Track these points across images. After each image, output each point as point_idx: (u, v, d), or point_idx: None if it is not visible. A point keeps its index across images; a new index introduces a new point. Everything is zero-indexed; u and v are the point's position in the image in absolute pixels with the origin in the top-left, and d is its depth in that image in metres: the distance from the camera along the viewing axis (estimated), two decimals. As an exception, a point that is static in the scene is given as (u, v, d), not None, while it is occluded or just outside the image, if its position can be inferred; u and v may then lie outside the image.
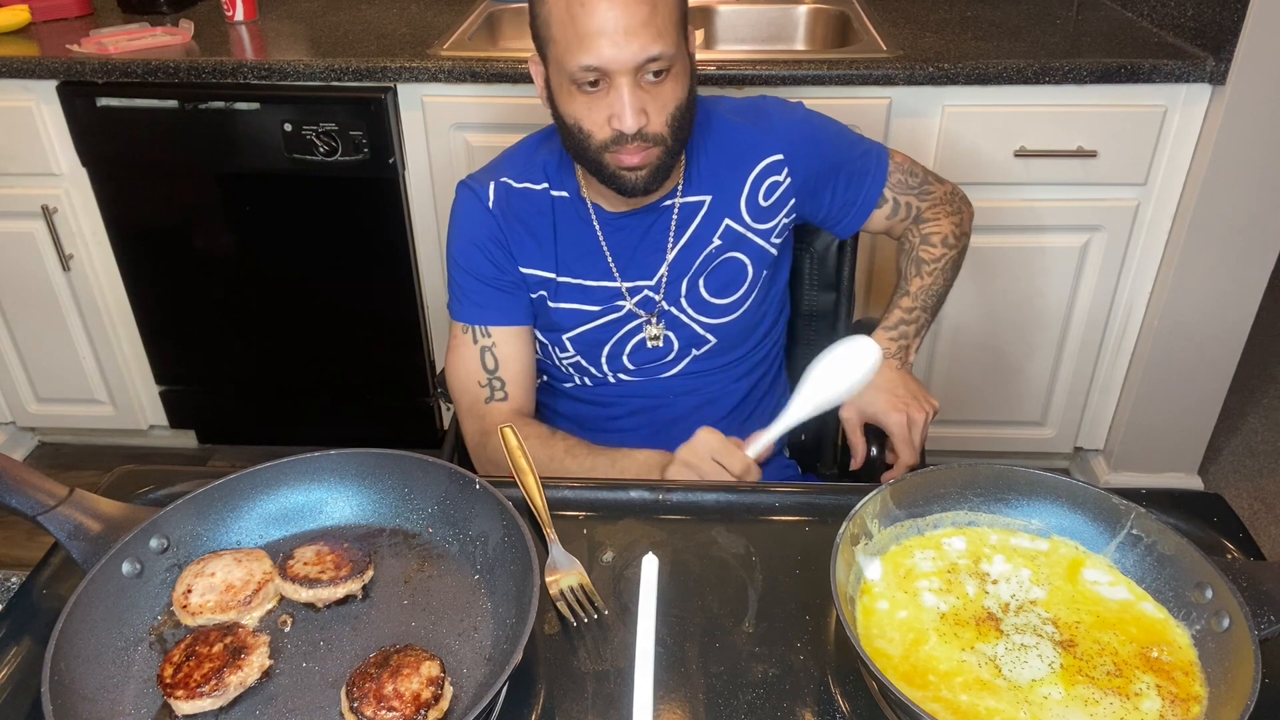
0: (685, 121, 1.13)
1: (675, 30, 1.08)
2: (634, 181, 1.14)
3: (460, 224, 1.26)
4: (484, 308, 1.26)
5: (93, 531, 0.87)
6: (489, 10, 2.21)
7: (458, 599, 0.86)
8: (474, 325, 1.26)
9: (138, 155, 2.02)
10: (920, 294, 1.29)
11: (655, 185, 1.16)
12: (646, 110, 1.09)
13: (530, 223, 1.24)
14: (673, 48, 1.07)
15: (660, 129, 1.11)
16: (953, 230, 1.32)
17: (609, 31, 1.04)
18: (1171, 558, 0.83)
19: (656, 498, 1.01)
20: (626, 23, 1.03)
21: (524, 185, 1.25)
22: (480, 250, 1.24)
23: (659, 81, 1.09)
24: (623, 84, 1.07)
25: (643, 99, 1.08)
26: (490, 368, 1.26)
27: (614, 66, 1.05)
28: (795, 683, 0.81)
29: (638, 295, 1.26)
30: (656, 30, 1.05)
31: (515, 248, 1.24)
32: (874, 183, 1.30)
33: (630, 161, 1.11)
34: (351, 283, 2.15)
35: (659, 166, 1.13)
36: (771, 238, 1.27)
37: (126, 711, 0.76)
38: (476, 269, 1.25)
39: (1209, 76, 1.80)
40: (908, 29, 2.03)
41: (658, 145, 1.11)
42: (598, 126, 1.10)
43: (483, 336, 1.26)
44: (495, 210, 1.24)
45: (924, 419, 1.19)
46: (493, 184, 1.25)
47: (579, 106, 1.11)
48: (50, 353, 2.30)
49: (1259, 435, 2.56)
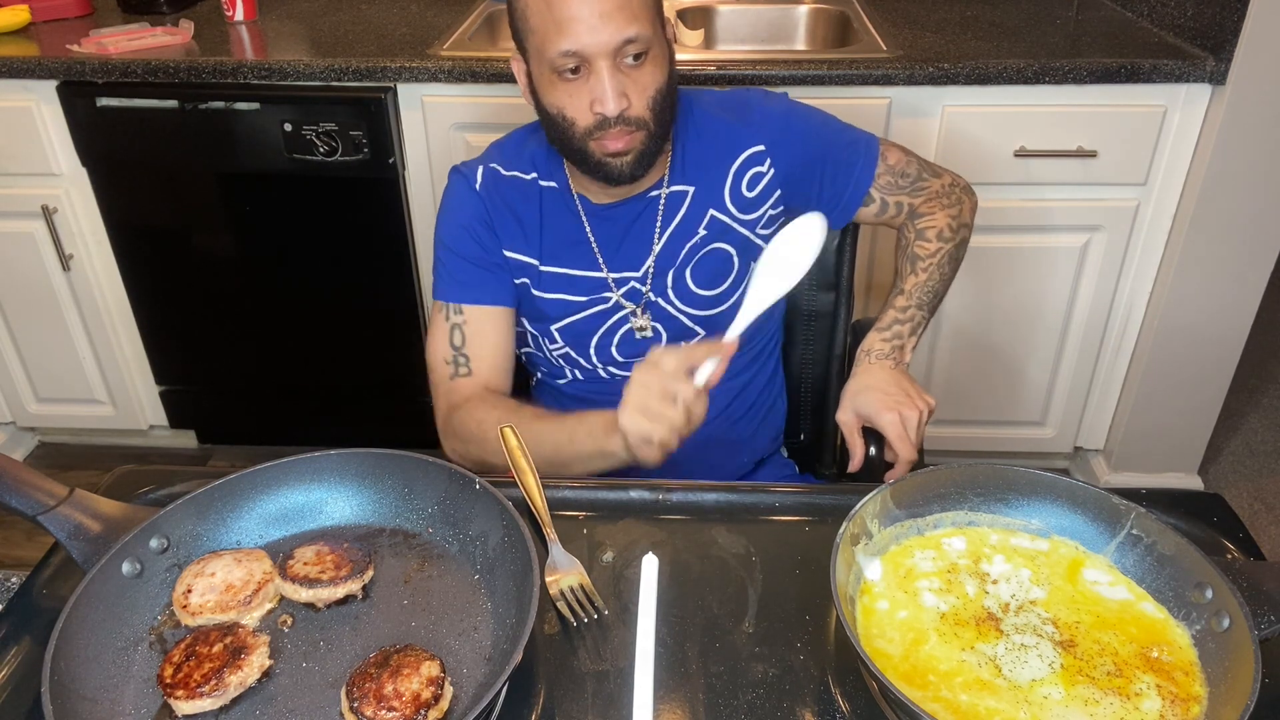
0: (666, 105, 1.15)
1: (650, 14, 1.11)
2: (619, 168, 1.15)
3: (448, 205, 1.29)
4: (463, 285, 1.27)
5: (93, 531, 0.87)
6: (489, 10, 2.21)
7: (458, 599, 0.86)
8: (448, 304, 1.27)
9: (138, 155, 2.02)
10: (915, 291, 1.29)
11: (640, 171, 1.17)
12: (628, 93, 1.11)
13: (516, 208, 1.26)
14: (649, 30, 1.10)
15: (642, 112, 1.13)
16: (948, 224, 1.31)
17: (584, 16, 1.06)
18: (1171, 558, 0.83)
19: (657, 498, 1.01)
20: (601, 7, 1.06)
21: (513, 174, 1.27)
22: (466, 229, 1.26)
23: (638, 65, 1.11)
24: (602, 68, 1.09)
25: (623, 82, 1.10)
26: (457, 344, 1.27)
27: (592, 50, 1.08)
28: (795, 683, 0.81)
29: (624, 286, 1.27)
30: (631, 13, 1.08)
31: (500, 229, 1.26)
32: (863, 173, 1.29)
33: (614, 146, 1.13)
34: (351, 283, 2.15)
35: (643, 151, 1.15)
36: (757, 229, 1.28)
37: (126, 711, 0.76)
38: (460, 247, 1.27)
39: (1209, 76, 1.80)
40: (908, 29, 2.03)
41: (641, 129, 1.13)
42: (580, 113, 1.12)
43: (455, 315, 1.27)
44: (482, 192, 1.26)
45: (918, 416, 1.19)
46: (481, 168, 1.27)
47: (561, 95, 1.13)
48: (50, 353, 2.30)
49: (1259, 435, 2.56)
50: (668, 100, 1.15)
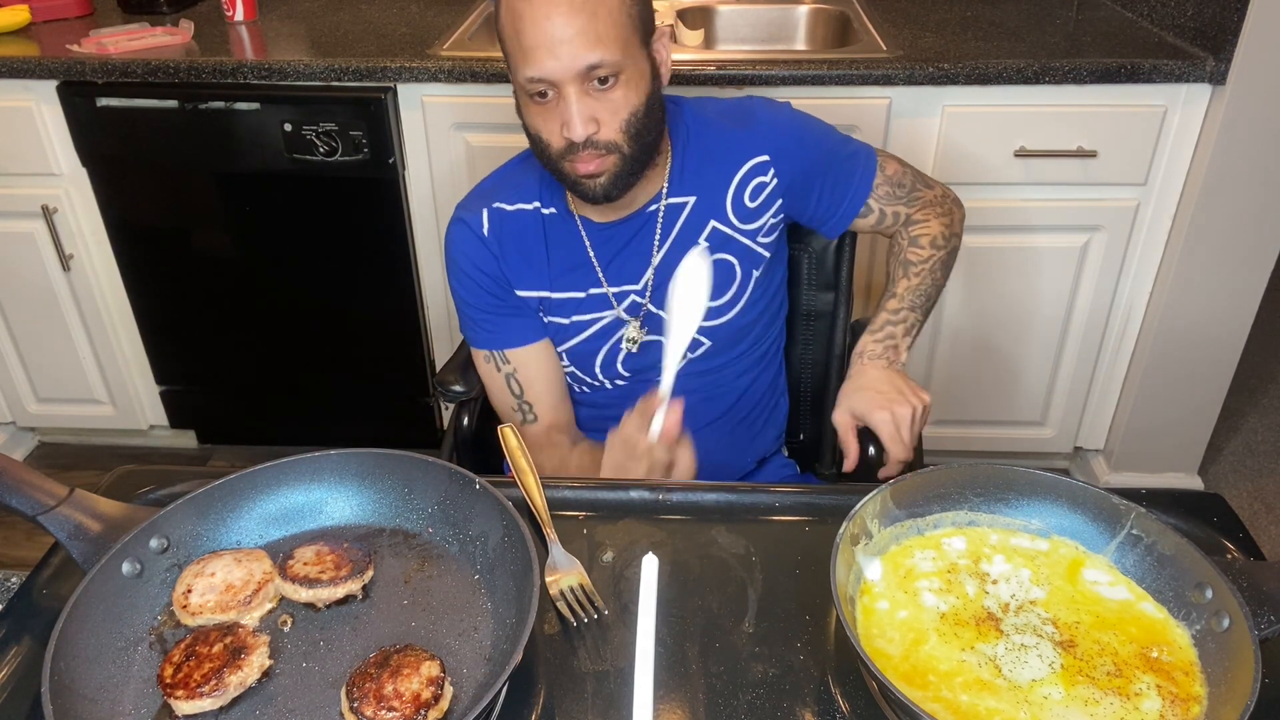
0: (643, 128, 1.13)
1: (622, 37, 1.08)
2: (593, 189, 1.15)
3: (454, 258, 1.28)
4: (495, 333, 1.29)
5: (93, 531, 0.87)
6: (489, 10, 2.21)
7: (458, 599, 0.86)
8: (493, 352, 1.30)
9: (138, 155, 2.02)
10: (907, 295, 1.30)
11: (616, 193, 1.16)
12: (597, 118, 1.10)
13: (524, 244, 1.26)
14: (618, 54, 1.08)
15: (613, 136, 1.11)
16: (942, 232, 1.32)
17: (544, 43, 1.06)
18: (1171, 558, 0.83)
19: (656, 498, 1.01)
20: (562, 33, 1.05)
21: (517, 207, 1.26)
22: (477, 283, 1.27)
23: (607, 89, 1.09)
24: (570, 93, 1.08)
25: (592, 107, 1.09)
26: (517, 393, 1.30)
27: (555, 75, 1.07)
28: (795, 683, 0.81)
29: (625, 300, 1.27)
30: (595, 37, 1.06)
31: (510, 273, 1.26)
32: (860, 184, 1.30)
33: (585, 169, 1.12)
34: (351, 283, 2.15)
35: (617, 174, 1.14)
36: (759, 238, 1.28)
37: (126, 711, 0.76)
38: (477, 300, 1.28)
39: (1209, 76, 1.80)
40: (908, 29, 2.03)
41: (612, 153, 1.12)
42: (553, 136, 1.12)
43: (503, 363, 1.29)
44: (490, 237, 1.26)
45: (910, 413, 1.18)
46: (486, 211, 1.26)
47: (535, 117, 1.13)
48: (50, 353, 2.30)
49: (1259, 435, 2.56)
50: (645, 121, 1.13)
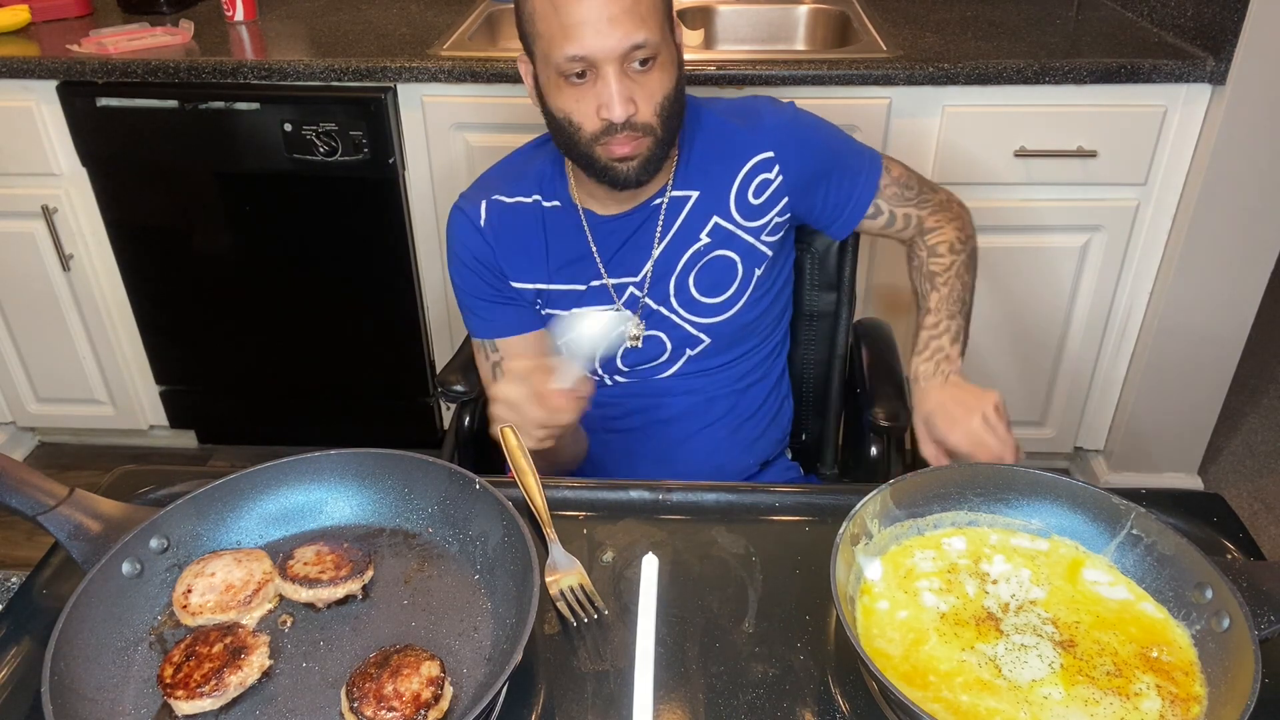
0: (674, 112, 1.14)
1: (659, 19, 1.10)
2: (625, 173, 1.15)
3: (453, 246, 1.29)
4: (489, 322, 1.29)
5: (93, 531, 0.87)
6: (489, 10, 2.21)
7: (458, 599, 0.86)
8: (484, 340, 1.30)
9: (138, 155, 2.02)
10: (941, 306, 1.28)
11: (646, 176, 1.16)
12: (635, 99, 1.10)
13: (521, 237, 1.26)
14: (657, 35, 1.09)
15: (649, 118, 1.12)
16: (957, 236, 1.32)
17: (592, 20, 1.05)
18: (1171, 558, 0.83)
19: (656, 498, 1.01)
20: (609, 11, 1.05)
21: (515, 200, 1.26)
22: (473, 271, 1.27)
23: (646, 70, 1.10)
24: (609, 73, 1.08)
25: (630, 88, 1.09)
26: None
27: (599, 55, 1.07)
28: (795, 683, 0.81)
29: (624, 293, 1.27)
30: (640, 18, 1.06)
31: (506, 265, 1.26)
32: (866, 184, 1.30)
33: (620, 152, 1.12)
34: (351, 283, 2.15)
35: (649, 157, 1.14)
36: (763, 236, 1.27)
37: (126, 711, 0.76)
38: (473, 288, 1.28)
39: (1209, 76, 1.80)
40: (908, 29, 2.03)
41: (648, 135, 1.13)
42: (587, 118, 1.11)
43: (492, 352, 1.29)
44: (486, 229, 1.26)
45: (979, 421, 1.13)
46: (484, 202, 1.26)
47: (568, 99, 1.12)
48: (50, 353, 2.30)
49: (1259, 435, 2.56)
50: (675, 106, 1.14)
